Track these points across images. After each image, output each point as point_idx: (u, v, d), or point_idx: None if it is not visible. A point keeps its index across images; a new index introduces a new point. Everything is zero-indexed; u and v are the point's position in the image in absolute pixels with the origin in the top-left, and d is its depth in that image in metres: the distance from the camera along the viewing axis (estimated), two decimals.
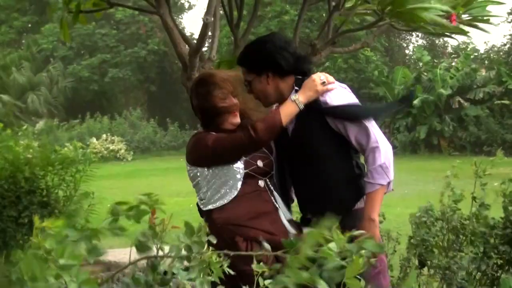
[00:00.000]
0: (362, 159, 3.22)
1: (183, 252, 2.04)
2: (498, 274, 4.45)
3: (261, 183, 3.15)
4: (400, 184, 3.40)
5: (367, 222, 2.96)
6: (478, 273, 4.51)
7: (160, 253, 2.09)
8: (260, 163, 3.15)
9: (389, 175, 2.98)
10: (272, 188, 3.18)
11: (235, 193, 3.09)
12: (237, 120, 3.20)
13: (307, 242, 1.54)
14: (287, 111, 3.01)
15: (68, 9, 4.53)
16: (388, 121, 29.68)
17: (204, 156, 3.14)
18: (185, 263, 2.07)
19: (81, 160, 6.41)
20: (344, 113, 3.04)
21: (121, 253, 6.48)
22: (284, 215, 3.15)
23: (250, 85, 3.17)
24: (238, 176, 3.10)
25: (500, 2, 4.67)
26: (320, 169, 3.12)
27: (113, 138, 29.73)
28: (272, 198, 3.17)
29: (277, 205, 3.16)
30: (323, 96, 3.05)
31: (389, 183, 3.01)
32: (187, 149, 3.27)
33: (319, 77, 3.06)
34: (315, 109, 3.06)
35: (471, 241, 4.56)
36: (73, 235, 1.64)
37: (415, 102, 27.67)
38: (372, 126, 3.01)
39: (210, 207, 3.14)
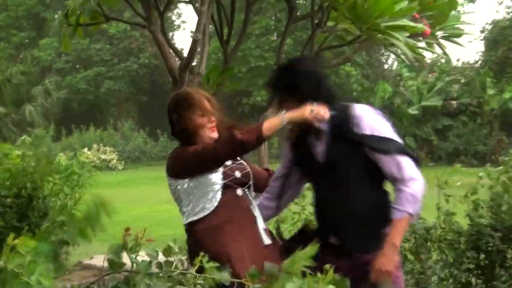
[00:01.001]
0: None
1: (154, 269, 2.03)
2: (470, 279, 4.49)
3: (239, 191, 3.12)
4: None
5: (389, 247, 2.89)
6: (451, 278, 4.54)
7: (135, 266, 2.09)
8: (238, 174, 3.12)
9: (418, 206, 2.91)
10: (250, 197, 3.16)
11: (215, 204, 3.05)
12: (215, 135, 3.16)
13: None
14: (271, 123, 2.93)
15: (68, 22, 4.56)
16: None
17: (188, 166, 3.10)
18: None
19: (80, 171, 6.39)
20: (377, 146, 2.93)
21: None
22: (260, 225, 3.11)
23: (282, 106, 3.05)
24: (217, 187, 3.06)
25: (470, 23, 4.72)
26: (349, 193, 3.03)
27: (105, 148, 29.72)
28: (251, 207, 3.13)
29: (255, 214, 3.12)
30: (358, 123, 2.94)
31: (415, 215, 2.94)
32: (167, 163, 3.22)
33: (312, 106, 2.93)
34: (348, 136, 2.96)
35: (439, 248, 4.61)
36: (43, 250, 1.65)
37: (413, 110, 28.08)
38: (404, 158, 2.92)
39: (191, 219, 3.09)
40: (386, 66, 40.70)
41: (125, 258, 2.08)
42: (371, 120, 2.97)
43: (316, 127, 2.99)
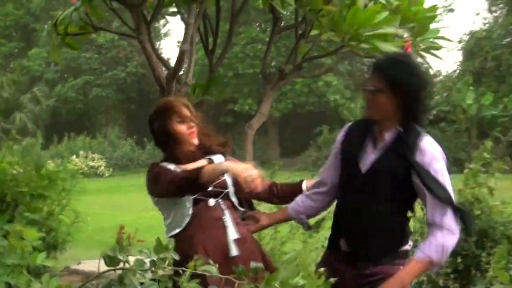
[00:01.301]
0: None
1: (147, 266, 2.04)
2: (447, 283, 4.50)
3: (211, 202, 3.10)
4: None
5: (396, 281, 2.76)
6: (429, 284, 4.56)
7: (127, 265, 2.10)
8: (209, 187, 3.07)
9: (443, 258, 2.79)
10: (223, 207, 3.12)
11: (187, 219, 3.06)
12: (194, 141, 3.19)
13: None
14: (209, 169, 2.86)
15: (57, 31, 4.55)
16: None
17: (159, 193, 3.15)
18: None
19: (68, 178, 6.35)
20: (431, 184, 2.78)
21: (102, 263, 6.41)
22: (231, 235, 3.07)
23: (375, 94, 2.89)
24: (188, 203, 3.07)
25: (448, 39, 4.76)
26: (377, 206, 2.88)
27: (93, 155, 29.65)
28: (223, 217, 3.10)
29: (226, 225, 3.08)
30: (422, 152, 2.80)
31: (436, 264, 2.81)
32: (146, 180, 3.23)
33: (251, 168, 2.78)
34: (405, 155, 2.83)
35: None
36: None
37: None
38: (451, 209, 2.78)
39: (171, 233, 3.12)
40: (367, 76, 40.87)
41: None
42: (434, 157, 2.83)
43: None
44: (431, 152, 2.83)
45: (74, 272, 6.82)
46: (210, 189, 3.06)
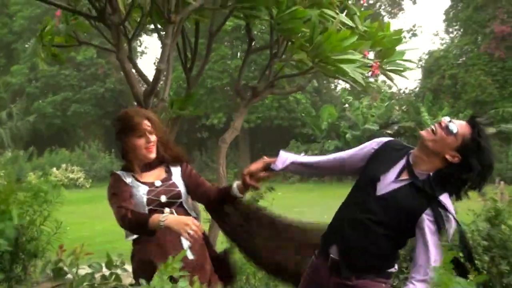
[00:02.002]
0: None
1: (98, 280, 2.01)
2: None
3: (166, 211, 3.13)
4: (326, 209, 3.40)
5: None
6: None
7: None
8: (163, 198, 3.14)
9: None
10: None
11: None
12: (152, 155, 3.21)
13: None
14: (154, 221, 2.88)
15: (42, 42, 4.54)
16: (317, 153, 30.10)
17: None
18: None
19: (49, 190, 6.27)
20: (430, 238, 2.71)
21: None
22: (184, 243, 3.09)
23: (450, 134, 2.74)
24: (145, 211, 3.10)
25: (411, 61, 4.82)
26: (378, 231, 2.82)
27: (72, 168, 29.41)
28: None
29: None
30: (443, 214, 2.69)
31: None
32: (107, 189, 3.24)
33: (192, 224, 2.80)
34: (426, 195, 2.74)
35: None
36: None
37: (348, 137, 28.59)
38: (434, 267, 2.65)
39: (129, 238, 3.19)
40: (334, 93, 41.20)
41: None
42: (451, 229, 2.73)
43: None
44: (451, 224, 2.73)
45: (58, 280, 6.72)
46: (164, 200, 3.13)
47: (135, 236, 3.16)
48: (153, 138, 3.20)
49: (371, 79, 4.54)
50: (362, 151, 3.05)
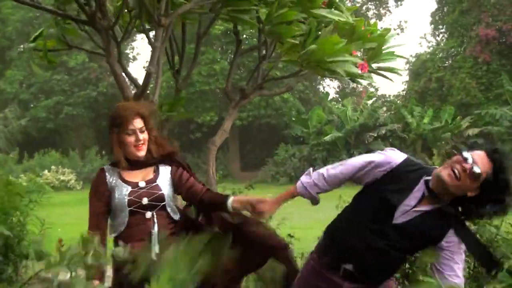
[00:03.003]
0: None
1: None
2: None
3: (148, 214, 3.13)
4: (318, 210, 3.42)
5: None
6: None
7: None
8: (145, 201, 3.12)
9: None
10: (155, 220, 3.13)
11: (123, 227, 3.12)
12: (141, 153, 3.19)
13: None
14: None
15: (35, 46, 4.54)
16: (306, 154, 30.20)
17: None
18: None
19: (34, 189, 6.26)
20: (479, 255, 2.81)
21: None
22: (154, 247, 3.07)
23: (474, 178, 2.66)
24: (124, 214, 3.12)
25: (402, 56, 4.84)
26: (393, 255, 2.85)
27: (63, 170, 29.25)
28: (152, 230, 3.11)
29: (152, 237, 3.10)
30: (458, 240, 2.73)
31: None
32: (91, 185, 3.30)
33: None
34: (448, 220, 2.75)
35: None
36: None
37: (327, 138, 28.65)
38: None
39: (112, 235, 3.19)
40: (322, 92, 41.32)
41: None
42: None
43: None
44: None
45: (46, 280, 6.69)
46: (145, 203, 3.12)
47: (114, 235, 3.16)
48: (143, 136, 3.17)
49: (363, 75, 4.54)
50: (372, 171, 2.91)
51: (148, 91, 4.35)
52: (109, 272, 2.55)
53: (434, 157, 26.73)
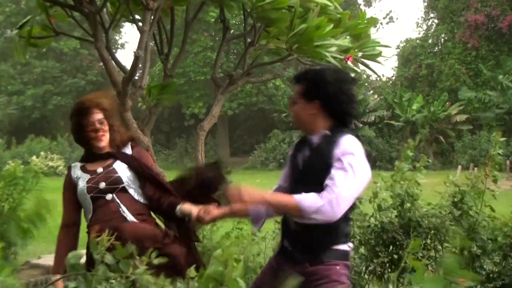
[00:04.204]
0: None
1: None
2: (383, 271, 4.59)
3: (108, 197, 3.20)
4: None
5: (259, 195, 2.78)
6: (367, 272, 4.65)
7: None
8: (102, 185, 3.21)
9: (307, 215, 2.68)
10: (118, 200, 3.20)
11: (90, 214, 3.23)
12: (101, 144, 3.30)
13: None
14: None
15: (20, 34, 4.51)
16: (295, 140, 30.20)
17: None
18: None
19: (28, 176, 6.27)
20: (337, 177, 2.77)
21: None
22: (130, 222, 3.16)
23: (293, 105, 3.01)
24: (88, 201, 3.23)
25: (387, 46, 4.86)
26: None
27: (52, 156, 29.13)
28: (120, 209, 3.18)
29: (124, 215, 3.17)
30: (337, 146, 2.80)
31: (301, 214, 2.70)
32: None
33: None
34: (325, 154, 2.83)
35: (354, 244, 4.70)
36: None
37: None
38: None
39: (87, 223, 3.27)
40: None
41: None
42: (347, 151, 2.79)
43: None
44: (345, 147, 2.80)
45: (35, 266, 6.74)
46: (103, 187, 3.20)
47: (87, 223, 3.25)
48: (102, 127, 3.29)
49: (349, 63, 4.55)
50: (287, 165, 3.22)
51: (136, 77, 4.35)
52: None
53: (417, 141, 26.85)
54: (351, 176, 2.72)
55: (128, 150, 3.41)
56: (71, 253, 2.22)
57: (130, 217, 3.17)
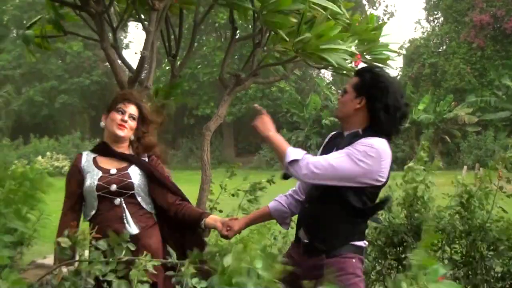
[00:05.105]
0: None
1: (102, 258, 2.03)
2: (391, 272, 4.57)
3: (117, 201, 3.17)
4: None
5: (265, 125, 3.00)
6: (373, 272, 4.62)
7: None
8: (113, 187, 3.17)
9: (296, 169, 2.81)
10: (124, 206, 3.17)
11: (93, 211, 3.18)
12: (120, 133, 3.26)
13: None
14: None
15: (29, 34, 4.50)
16: (302, 140, 30.27)
17: None
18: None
19: (36, 178, 6.26)
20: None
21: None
22: (129, 231, 3.09)
23: (343, 94, 3.05)
24: (93, 198, 3.18)
25: (395, 51, 4.83)
26: (335, 200, 2.91)
27: (57, 156, 29.20)
28: (123, 216, 3.16)
29: (125, 221, 3.15)
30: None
31: (288, 164, 2.82)
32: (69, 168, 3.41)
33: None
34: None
35: None
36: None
37: (326, 121, 28.74)
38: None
39: (86, 220, 3.24)
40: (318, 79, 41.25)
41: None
42: (363, 143, 2.84)
43: None
44: (369, 140, 2.84)
45: (40, 266, 6.74)
46: (114, 189, 3.16)
47: (87, 219, 3.23)
48: (130, 121, 3.27)
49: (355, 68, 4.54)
50: None
51: (142, 77, 4.34)
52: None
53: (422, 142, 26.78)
54: (350, 158, 2.80)
55: (144, 157, 3.37)
56: (60, 238, 2.23)
57: (132, 225, 3.15)
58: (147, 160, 3.36)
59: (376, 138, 2.86)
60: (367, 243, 3.07)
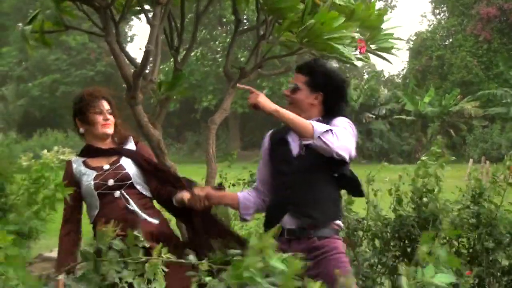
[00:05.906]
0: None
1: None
2: (396, 265, 4.56)
3: (117, 194, 3.18)
4: None
5: (268, 102, 3.04)
6: (380, 264, 4.61)
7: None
8: (111, 182, 3.18)
9: (319, 140, 2.83)
10: (127, 196, 3.18)
11: (96, 211, 3.18)
12: (108, 131, 3.32)
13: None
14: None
15: (30, 29, 4.48)
16: None
17: None
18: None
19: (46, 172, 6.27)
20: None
21: None
22: (140, 216, 3.15)
23: (295, 91, 3.17)
24: (94, 198, 3.19)
25: (400, 38, 4.80)
26: (317, 182, 3.07)
27: (64, 149, 29.28)
28: (128, 205, 3.16)
29: (132, 209, 3.15)
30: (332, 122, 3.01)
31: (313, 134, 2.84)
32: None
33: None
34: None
35: (368, 237, 4.68)
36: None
37: None
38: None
39: (91, 222, 3.24)
40: None
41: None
42: (338, 120, 3.02)
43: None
44: (340, 120, 3.03)
45: (47, 260, 6.78)
46: (111, 184, 3.18)
47: (91, 220, 3.23)
48: (110, 117, 3.31)
49: (360, 56, 4.50)
50: (263, 159, 3.38)
51: (147, 71, 4.32)
52: None
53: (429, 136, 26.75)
54: (348, 132, 2.98)
55: (131, 146, 3.40)
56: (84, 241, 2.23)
57: (138, 211, 3.16)
58: (135, 148, 3.39)
59: (340, 118, 3.07)
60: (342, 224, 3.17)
